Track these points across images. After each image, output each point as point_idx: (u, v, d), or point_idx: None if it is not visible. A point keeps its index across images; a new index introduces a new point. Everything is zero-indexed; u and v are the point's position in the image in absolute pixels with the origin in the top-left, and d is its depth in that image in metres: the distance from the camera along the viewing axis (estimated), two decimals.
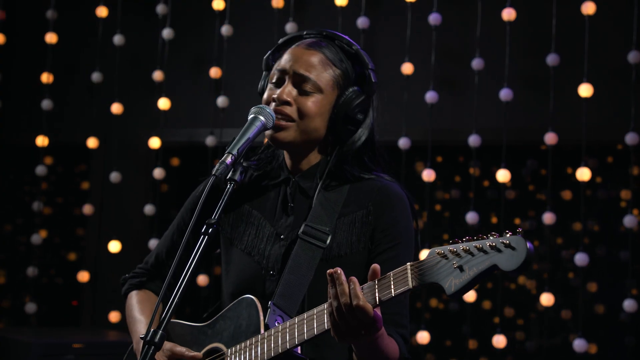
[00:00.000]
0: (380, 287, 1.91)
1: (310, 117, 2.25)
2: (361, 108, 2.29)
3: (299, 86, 2.27)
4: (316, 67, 2.27)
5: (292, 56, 2.30)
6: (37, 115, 5.61)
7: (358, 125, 2.30)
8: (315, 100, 2.26)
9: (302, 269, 2.20)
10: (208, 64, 5.42)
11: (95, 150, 5.63)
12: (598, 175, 5.20)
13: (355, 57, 2.33)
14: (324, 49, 2.31)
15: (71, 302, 6.20)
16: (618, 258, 5.29)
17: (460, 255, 1.81)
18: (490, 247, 1.77)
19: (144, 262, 2.53)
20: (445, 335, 5.57)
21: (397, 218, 2.26)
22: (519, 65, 4.93)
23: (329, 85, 2.28)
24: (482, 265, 1.78)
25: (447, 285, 1.81)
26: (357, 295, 1.89)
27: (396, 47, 5.07)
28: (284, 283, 2.19)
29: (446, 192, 5.66)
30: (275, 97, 2.27)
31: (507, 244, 1.75)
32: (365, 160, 2.32)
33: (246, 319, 2.16)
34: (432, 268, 1.85)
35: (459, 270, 1.81)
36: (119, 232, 5.52)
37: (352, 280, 1.92)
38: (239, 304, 2.20)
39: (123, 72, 5.57)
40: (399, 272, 1.90)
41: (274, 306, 2.15)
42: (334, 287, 1.93)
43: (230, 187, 2.08)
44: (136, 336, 2.38)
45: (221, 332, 2.23)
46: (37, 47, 5.73)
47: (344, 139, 2.30)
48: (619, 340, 5.20)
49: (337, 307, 1.92)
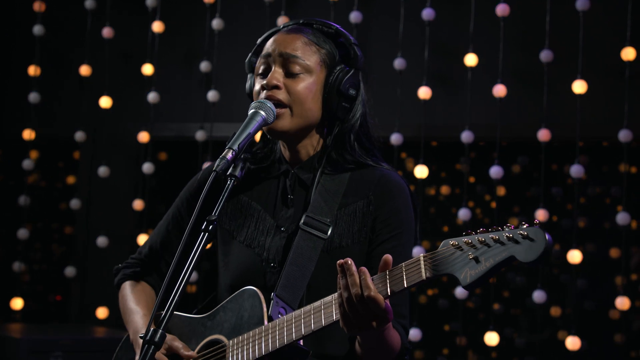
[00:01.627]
0: (392, 278, 1.90)
1: (303, 99, 2.24)
2: (352, 83, 2.28)
3: (287, 68, 2.25)
4: (301, 48, 2.26)
5: (274, 41, 2.29)
6: (25, 108, 5.56)
7: (352, 101, 2.29)
8: (304, 82, 2.24)
9: (304, 260, 2.18)
10: (199, 57, 5.38)
11: (84, 144, 5.58)
12: (589, 172, 5.19)
13: (336, 35, 2.33)
14: (305, 32, 2.30)
15: (56, 297, 6.15)
16: (608, 255, 5.29)
17: (475, 247, 1.80)
18: (508, 238, 1.76)
19: (137, 253, 2.50)
20: (434, 332, 5.56)
21: (398, 208, 2.25)
22: (513, 61, 4.92)
23: (316, 64, 2.26)
24: (499, 256, 1.77)
25: (462, 277, 1.80)
26: (369, 286, 1.88)
27: (389, 43, 5.04)
28: (285, 275, 2.17)
29: (438, 189, 5.65)
30: (265, 84, 2.24)
31: (525, 235, 1.74)
32: (363, 140, 2.31)
33: (248, 311, 2.14)
34: (446, 259, 1.83)
35: (474, 261, 1.79)
36: (107, 227, 5.47)
37: (363, 270, 1.90)
38: (240, 295, 2.18)
39: (112, 66, 5.52)
40: (412, 263, 1.88)
41: (276, 298, 2.14)
42: (344, 277, 1.91)
43: (231, 183, 2.05)
44: (132, 326, 2.35)
45: (222, 323, 2.20)
46: (25, 40, 5.67)
47: (340, 117, 2.28)
48: (608, 337, 5.20)
49: (347, 298, 1.90)
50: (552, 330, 5.34)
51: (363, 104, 2.32)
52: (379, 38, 5.18)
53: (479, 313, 5.38)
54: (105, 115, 5.51)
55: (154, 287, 2.47)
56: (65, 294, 6.02)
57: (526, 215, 5.49)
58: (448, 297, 5.44)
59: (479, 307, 5.44)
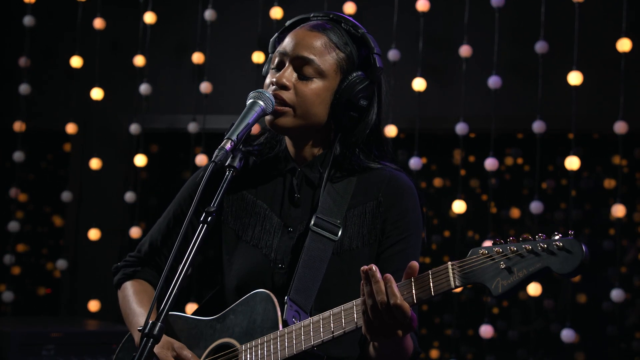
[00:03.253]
0: (418, 286, 1.85)
1: (309, 103, 2.17)
2: (364, 94, 2.19)
3: (299, 70, 2.18)
4: (319, 50, 2.19)
5: (294, 39, 2.21)
6: (15, 100, 5.50)
7: (361, 112, 2.21)
8: (315, 86, 2.17)
9: (315, 263, 2.12)
10: (191, 49, 5.33)
11: (75, 136, 5.54)
12: (584, 164, 5.18)
13: (361, 40, 2.25)
14: (328, 32, 2.22)
15: (46, 290, 6.10)
16: (601, 247, 5.28)
17: (508, 257, 1.78)
18: (542, 249, 1.75)
19: (137, 250, 2.42)
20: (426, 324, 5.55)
21: (407, 210, 2.20)
22: (508, 52, 4.89)
23: (331, 69, 2.19)
24: (532, 267, 1.75)
25: (493, 287, 1.78)
26: (395, 294, 1.83)
27: (383, 34, 5.00)
28: (298, 277, 2.11)
29: (433, 181, 5.63)
30: (274, 81, 2.18)
31: (562, 247, 1.73)
32: (372, 149, 2.25)
33: (261, 314, 2.08)
34: (477, 268, 1.81)
35: (507, 271, 1.77)
36: (99, 220, 5.42)
37: (388, 278, 1.84)
38: (252, 298, 2.12)
39: (103, 57, 5.47)
40: (440, 270, 1.84)
41: (290, 301, 2.08)
42: (368, 284, 1.85)
43: (229, 174, 2.00)
44: (136, 329, 2.26)
45: (232, 327, 2.14)
46: (14, 31, 5.61)
47: (346, 126, 2.21)
48: (601, 330, 5.20)
49: (372, 305, 1.85)
50: (545, 323, 5.34)
51: (377, 114, 2.25)
52: (373, 29, 5.06)
53: (473, 306, 5.37)
54: (96, 107, 5.46)
55: (156, 287, 2.38)
56: (55, 287, 5.97)
57: (520, 208, 5.47)
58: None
59: (473, 300, 5.43)
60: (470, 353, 5.46)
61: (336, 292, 2.03)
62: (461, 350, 5.41)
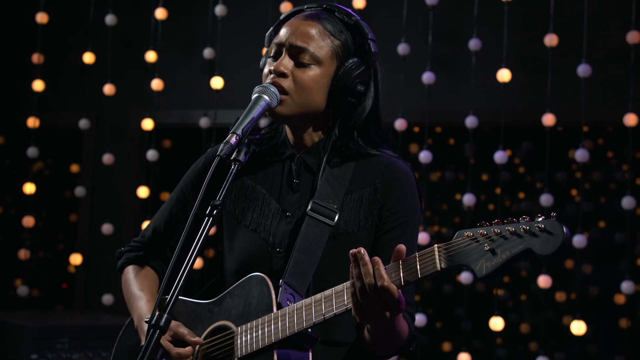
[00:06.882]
0: (406, 268, 1.89)
1: (307, 89, 2.21)
2: (361, 79, 2.24)
3: (296, 58, 2.22)
4: (314, 37, 2.23)
5: (289, 28, 2.26)
6: (28, 96, 5.55)
7: (359, 97, 2.26)
8: (312, 73, 2.22)
9: (311, 247, 2.17)
10: (202, 44, 5.36)
11: (87, 131, 5.58)
12: (594, 156, 5.18)
13: (355, 28, 2.29)
14: (323, 21, 2.26)
15: (62, 285, 6.15)
16: (613, 240, 5.28)
17: (491, 239, 1.80)
18: (525, 230, 1.76)
19: (140, 236, 2.48)
20: (439, 317, 5.56)
21: (404, 196, 2.24)
22: (517, 45, 4.89)
23: (327, 56, 2.23)
24: (515, 248, 1.77)
25: (477, 268, 1.80)
26: (382, 276, 1.87)
27: (392, 28, 5.02)
28: (294, 261, 2.16)
29: (442, 174, 5.64)
30: (272, 69, 2.23)
31: (543, 228, 1.74)
32: (371, 134, 2.29)
33: (256, 297, 2.13)
34: (461, 250, 1.83)
35: (490, 253, 1.79)
36: (112, 215, 5.47)
37: (376, 260, 1.89)
38: (247, 281, 2.17)
39: (115, 53, 5.51)
40: (426, 253, 1.87)
41: (285, 285, 2.12)
42: (357, 267, 1.90)
43: (234, 168, 2.04)
44: (137, 312, 2.33)
45: (229, 310, 2.19)
46: (27, 27, 5.66)
47: (344, 112, 2.26)
48: (613, 322, 5.20)
49: (360, 288, 1.89)
50: (556, 315, 5.34)
51: (374, 98, 2.29)
52: (383, 23, 5.16)
53: (484, 298, 5.38)
54: (108, 103, 5.50)
55: (158, 272, 2.45)
56: (70, 282, 6.02)
57: (530, 201, 5.48)
58: (453, 283, 5.44)
59: (484, 293, 5.44)
60: (481, 345, 5.47)
61: (332, 275, 2.07)
62: (474, 344, 5.42)
